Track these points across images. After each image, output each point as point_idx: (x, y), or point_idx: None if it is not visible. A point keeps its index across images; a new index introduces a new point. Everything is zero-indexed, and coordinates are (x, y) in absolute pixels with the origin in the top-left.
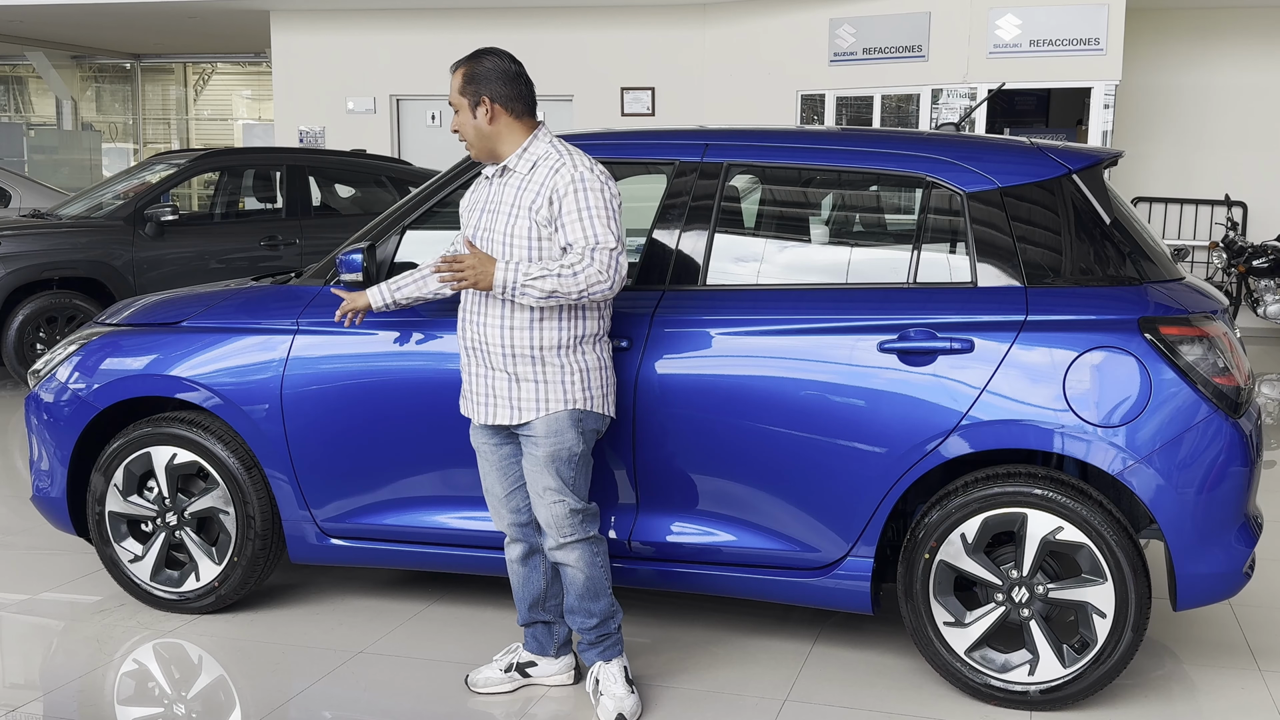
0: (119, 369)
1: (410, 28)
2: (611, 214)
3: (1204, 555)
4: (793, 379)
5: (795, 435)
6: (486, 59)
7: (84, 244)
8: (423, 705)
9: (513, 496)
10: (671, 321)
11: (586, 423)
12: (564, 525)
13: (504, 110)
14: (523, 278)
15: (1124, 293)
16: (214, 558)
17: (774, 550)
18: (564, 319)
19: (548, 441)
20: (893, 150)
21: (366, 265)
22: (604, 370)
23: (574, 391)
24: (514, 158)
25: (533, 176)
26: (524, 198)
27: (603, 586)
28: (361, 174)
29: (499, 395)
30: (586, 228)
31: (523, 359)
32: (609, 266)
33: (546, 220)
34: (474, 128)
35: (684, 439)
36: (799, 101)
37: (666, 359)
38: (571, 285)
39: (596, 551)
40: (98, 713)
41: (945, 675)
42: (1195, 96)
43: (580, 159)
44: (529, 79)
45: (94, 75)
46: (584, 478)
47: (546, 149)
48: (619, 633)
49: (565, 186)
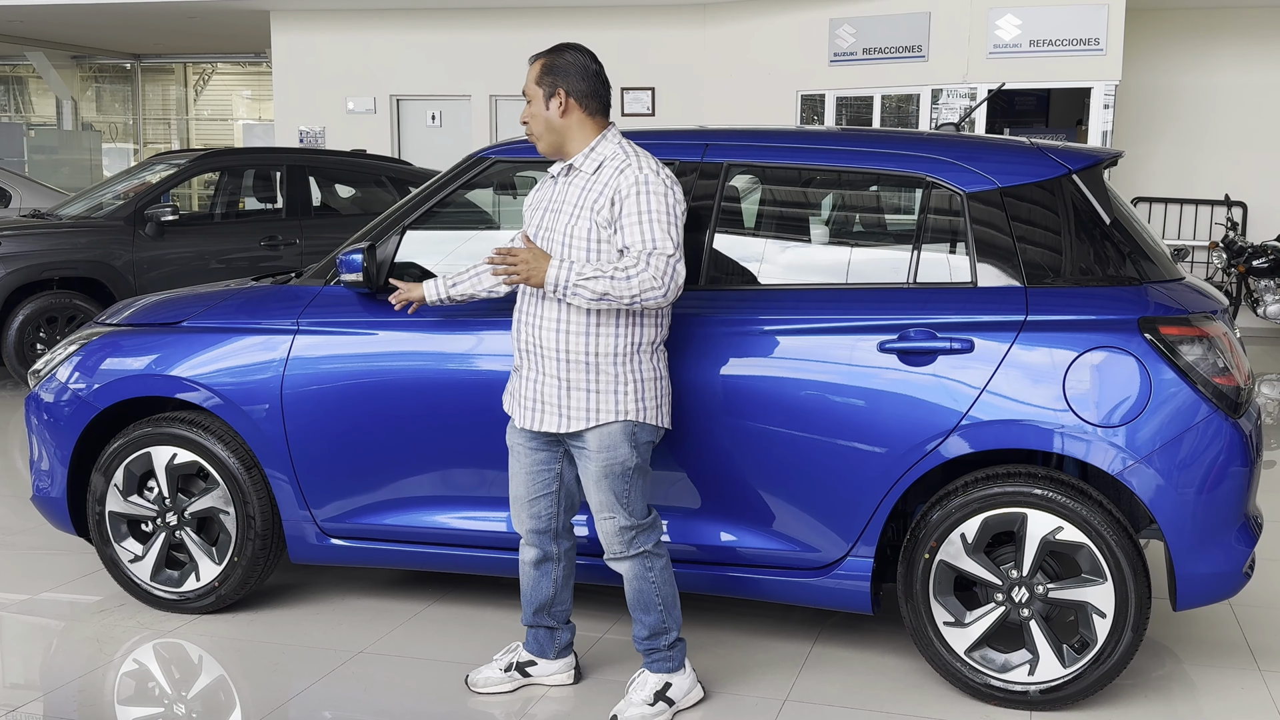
0: (119, 369)
1: (410, 28)
2: (673, 220)
3: (1204, 555)
4: (792, 379)
5: (795, 435)
6: (568, 53)
7: (84, 244)
8: (423, 705)
9: (536, 502)
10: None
11: (640, 435)
12: (613, 542)
13: (578, 106)
14: (575, 277)
15: (1124, 293)
16: (214, 558)
17: (774, 550)
18: (622, 325)
19: (600, 455)
20: (893, 150)
21: (366, 265)
22: (659, 380)
23: (627, 402)
24: (580, 157)
25: (598, 177)
26: (587, 198)
27: (651, 602)
28: (361, 174)
29: (548, 401)
30: (645, 231)
31: (576, 364)
32: (664, 273)
33: (607, 221)
34: (545, 120)
35: (683, 439)
36: (799, 101)
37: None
38: (624, 289)
39: (649, 567)
40: (98, 713)
41: (945, 675)
42: (1195, 96)
43: (647, 161)
44: (607, 80)
45: (94, 75)
46: (639, 491)
47: (614, 149)
48: (668, 650)
49: (629, 188)
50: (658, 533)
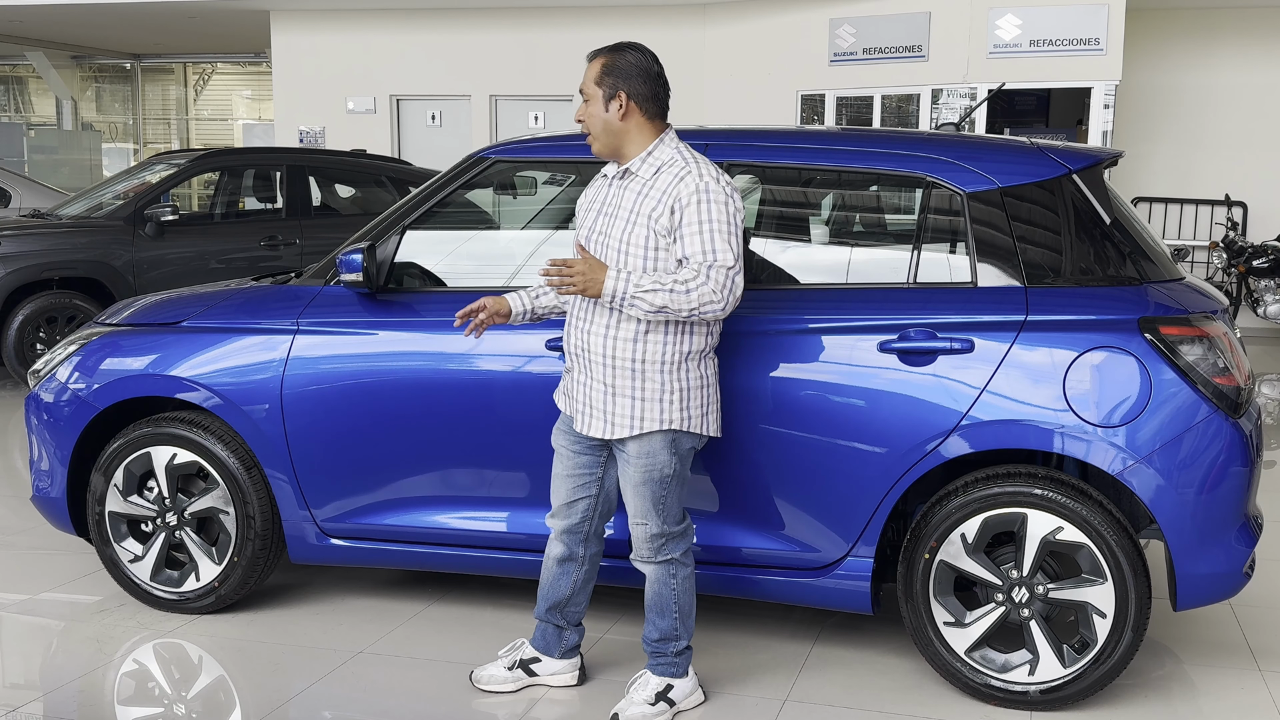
0: (119, 369)
1: (410, 28)
2: (733, 230)
3: (1204, 555)
4: (792, 379)
5: (795, 435)
6: (630, 53)
7: (84, 244)
8: (422, 705)
9: (574, 504)
10: None
11: (682, 443)
12: (641, 547)
13: (638, 109)
14: (634, 289)
15: (1124, 293)
16: (214, 558)
17: (774, 550)
18: (670, 333)
19: (640, 462)
20: (893, 150)
21: (366, 265)
22: (705, 389)
23: (671, 411)
24: (638, 160)
25: (655, 182)
26: (644, 204)
27: (668, 607)
28: (361, 174)
29: (595, 406)
30: (706, 242)
31: (623, 371)
32: (724, 286)
33: (666, 230)
34: (603, 121)
35: None
36: (799, 101)
37: None
38: (683, 302)
39: (673, 574)
40: (98, 713)
41: (945, 675)
42: (1195, 96)
43: (707, 168)
44: (667, 82)
45: (94, 75)
46: (675, 497)
47: (673, 154)
48: (675, 658)
49: (689, 196)
50: (688, 541)
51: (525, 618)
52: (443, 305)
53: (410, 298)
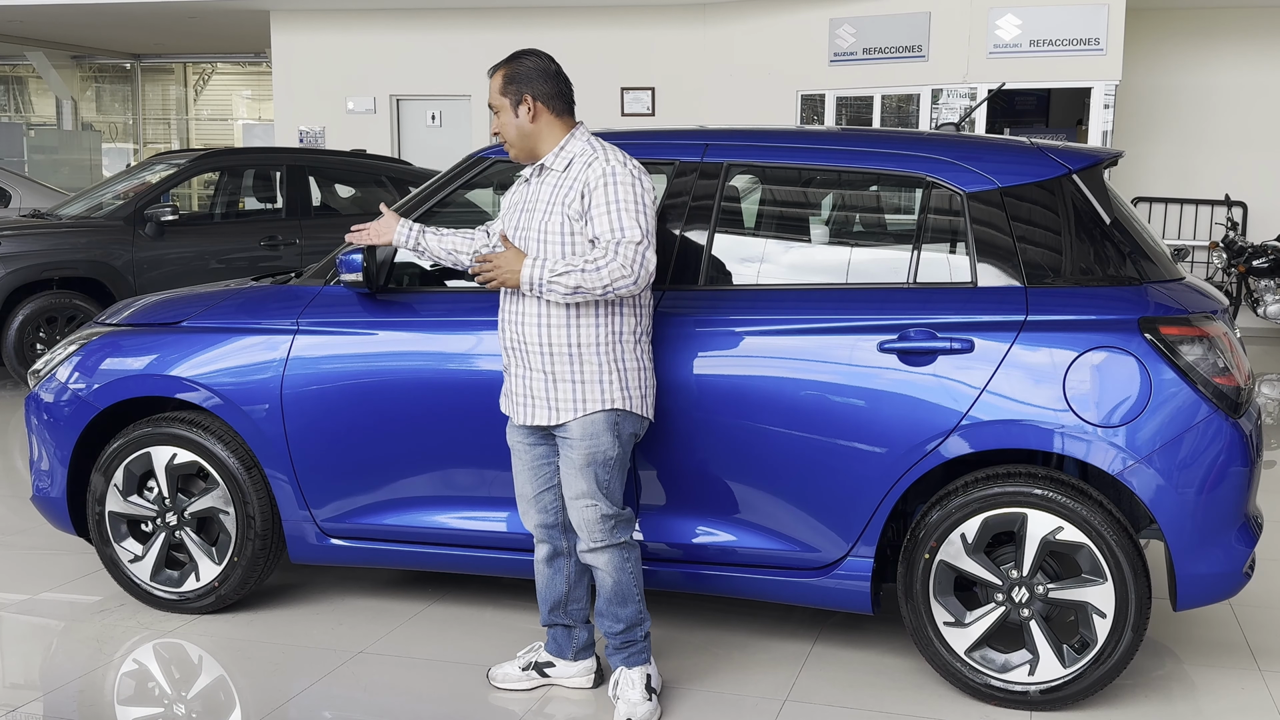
0: (119, 369)
1: (410, 28)
2: (641, 208)
3: (1204, 555)
4: (793, 379)
5: (795, 435)
6: (526, 59)
7: (84, 244)
8: (422, 705)
9: (542, 497)
10: (671, 321)
11: (624, 425)
12: (595, 530)
13: (545, 108)
14: (548, 274)
15: (1124, 293)
16: (214, 558)
17: (774, 550)
18: (601, 315)
19: (583, 444)
20: (893, 150)
21: (366, 265)
22: (643, 371)
23: (612, 391)
24: (551, 156)
25: (568, 173)
26: (558, 194)
27: (630, 593)
28: (361, 174)
29: (536, 395)
30: (614, 220)
31: (560, 357)
32: (633, 261)
33: (578, 214)
34: (516, 127)
35: (683, 439)
36: (799, 101)
37: (665, 359)
38: (595, 280)
39: (627, 558)
40: (98, 713)
41: (945, 675)
42: (1195, 96)
43: (614, 154)
44: (568, 78)
45: (94, 75)
46: (619, 482)
47: (583, 146)
48: (645, 640)
49: (596, 180)
50: (633, 525)
51: (526, 617)
52: (443, 305)
53: (410, 298)
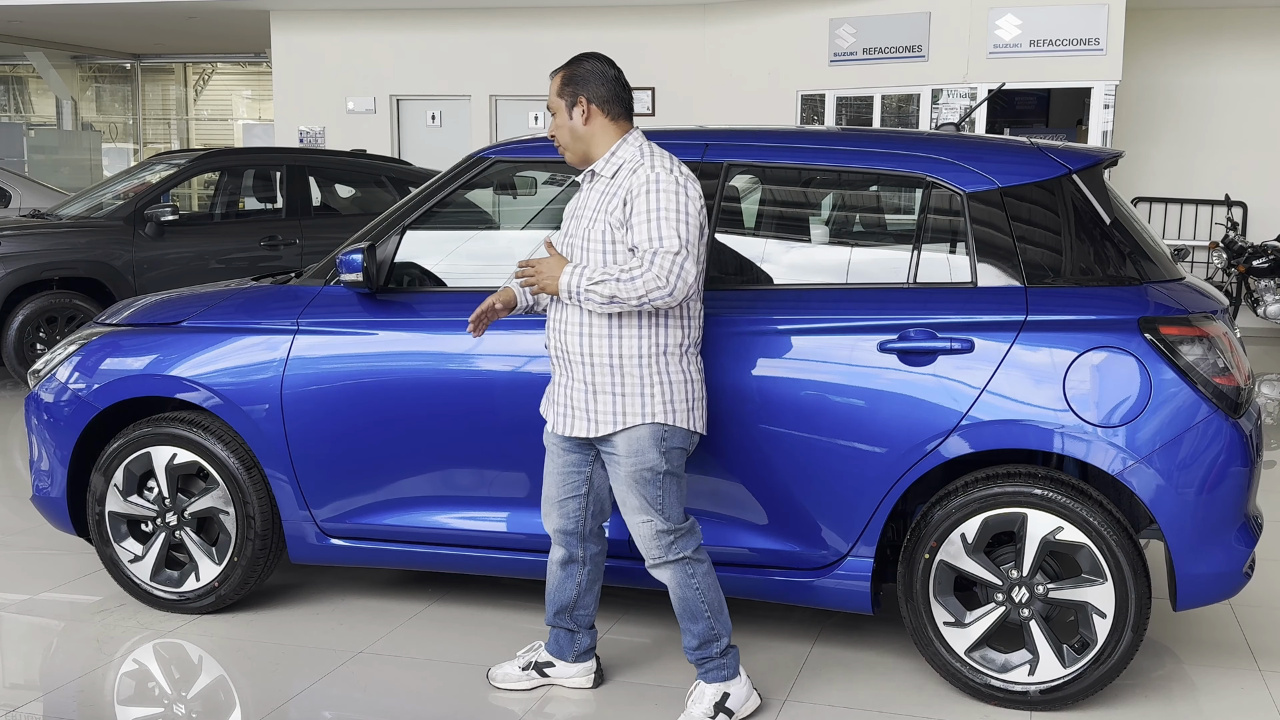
0: (119, 369)
1: (410, 28)
2: (683, 217)
3: (1204, 555)
4: (793, 379)
5: (795, 435)
6: (586, 62)
7: (84, 244)
8: (422, 705)
9: (566, 503)
10: None
11: (670, 440)
12: (651, 547)
13: (600, 111)
14: (585, 282)
15: (1124, 293)
16: (214, 558)
17: (774, 550)
18: (645, 327)
19: (629, 460)
20: (893, 150)
21: (366, 265)
22: (689, 384)
23: (654, 404)
24: (601, 162)
25: (615, 180)
26: (604, 201)
27: (698, 609)
28: (361, 174)
29: (576, 406)
30: (652, 229)
31: (601, 368)
32: (669, 272)
33: (620, 222)
34: (569, 129)
35: None
36: (799, 101)
37: None
38: (629, 291)
39: (691, 573)
40: (98, 713)
41: (945, 675)
42: (1195, 96)
43: (661, 160)
44: (627, 83)
45: (94, 75)
46: (674, 496)
47: (633, 152)
48: (722, 658)
49: (639, 186)
50: (697, 538)
51: (525, 617)
52: (443, 305)
53: (410, 298)
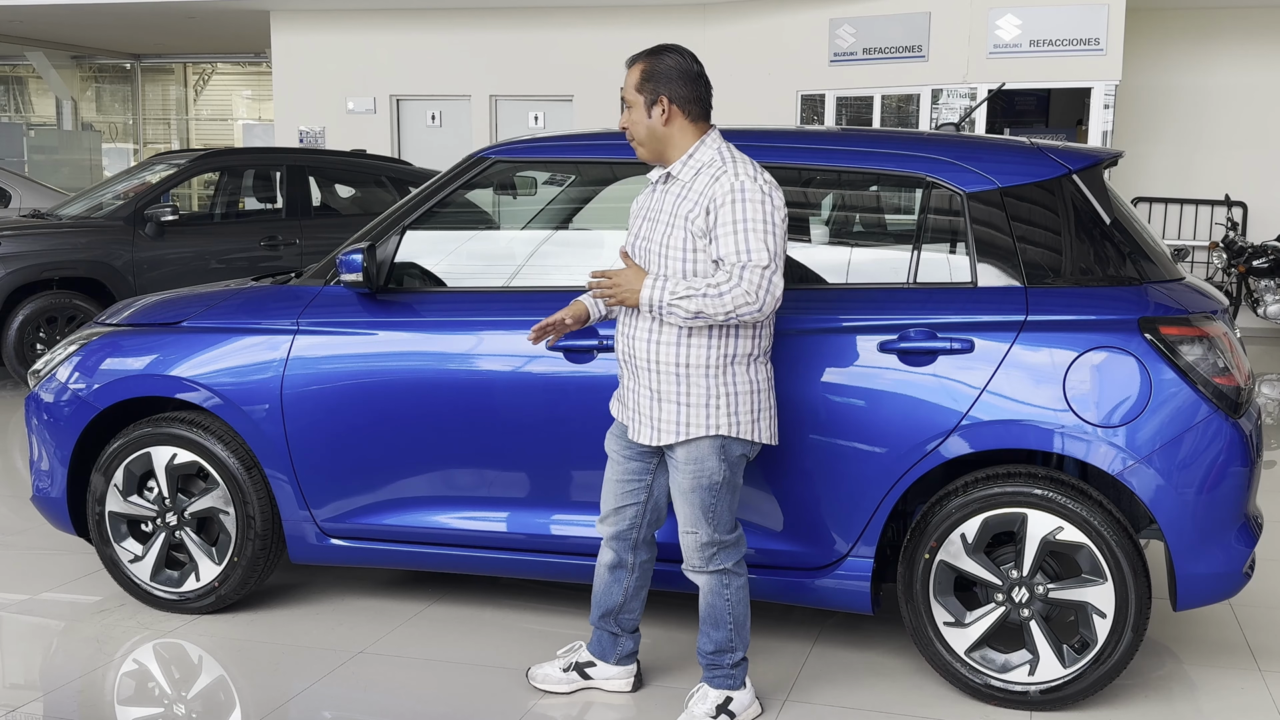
0: (119, 369)
1: (410, 28)
2: (770, 229)
3: (1204, 555)
4: (793, 379)
5: (795, 435)
6: (669, 56)
7: (84, 244)
8: (422, 705)
9: (623, 510)
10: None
11: (731, 449)
12: (693, 556)
13: (681, 112)
14: (669, 296)
15: (1124, 293)
16: (214, 558)
17: (774, 550)
18: (713, 337)
19: (689, 469)
20: (893, 150)
21: (366, 265)
22: (756, 394)
23: (718, 416)
24: (679, 164)
25: (694, 184)
26: (682, 206)
27: (723, 619)
28: (361, 174)
29: (642, 413)
30: (740, 242)
31: (667, 375)
32: (758, 287)
33: (702, 231)
34: (647, 128)
35: None
36: (799, 101)
37: None
38: (717, 306)
39: (726, 584)
40: (98, 713)
41: (945, 675)
42: (1195, 96)
43: (744, 167)
44: (709, 81)
45: (94, 75)
46: (725, 505)
47: (712, 155)
48: (732, 669)
49: (723, 196)
50: (740, 551)
51: (526, 617)
52: (443, 305)
53: (410, 298)
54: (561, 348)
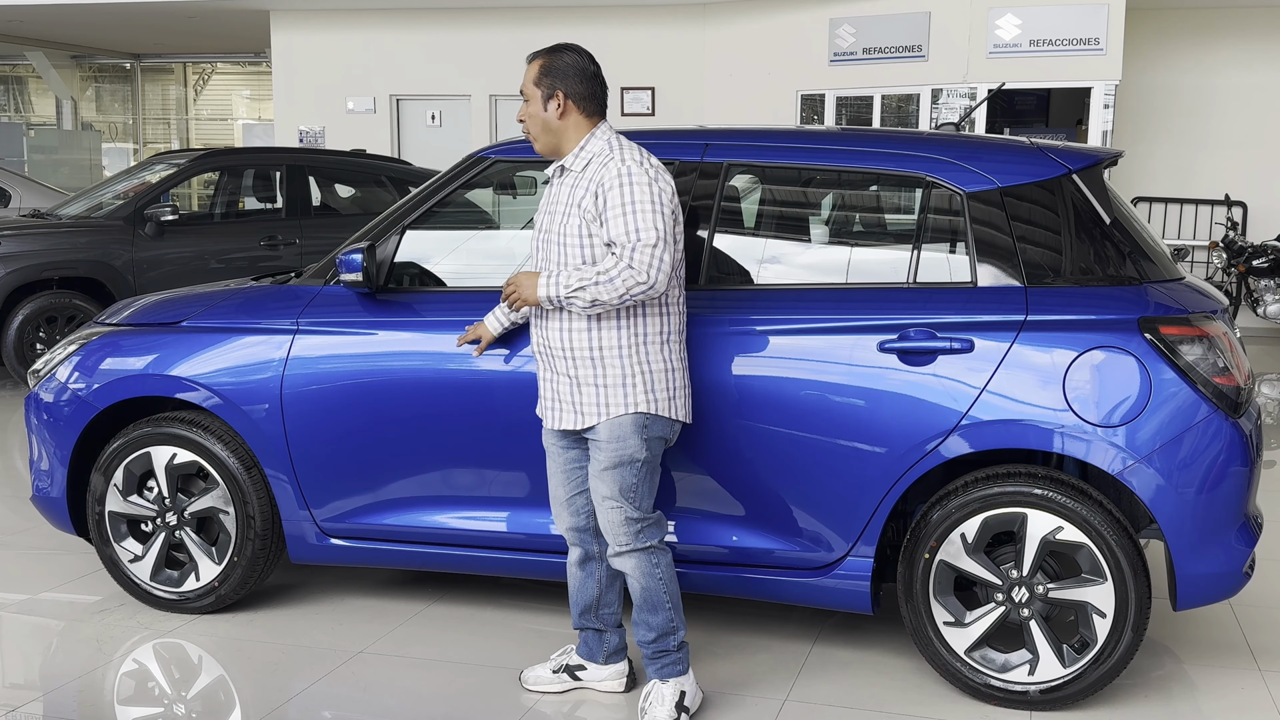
0: (119, 369)
1: (410, 28)
2: (658, 208)
3: (1204, 555)
4: (793, 379)
5: (795, 435)
6: (567, 54)
7: (84, 244)
8: (422, 705)
9: (574, 500)
10: None
11: (652, 428)
12: (620, 533)
13: (575, 108)
14: (563, 290)
15: (1124, 293)
16: (214, 558)
17: (774, 550)
18: (623, 318)
19: (610, 447)
20: (893, 150)
21: (366, 265)
22: (671, 373)
23: (635, 394)
24: (571, 156)
25: (585, 173)
26: (575, 194)
27: (660, 600)
28: (361, 174)
29: (563, 400)
30: (629, 222)
31: (583, 361)
32: (648, 265)
33: (594, 216)
34: (542, 120)
35: (682, 439)
36: (799, 101)
37: None
38: (609, 292)
39: (656, 563)
40: (98, 713)
41: (945, 675)
42: (1195, 96)
43: (630, 153)
44: (605, 81)
45: (94, 75)
46: (647, 485)
47: (602, 145)
48: (679, 652)
49: (611, 180)
50: (663, 530)
51: (526, 617)
52: (443, 305)
53: (410, 298)
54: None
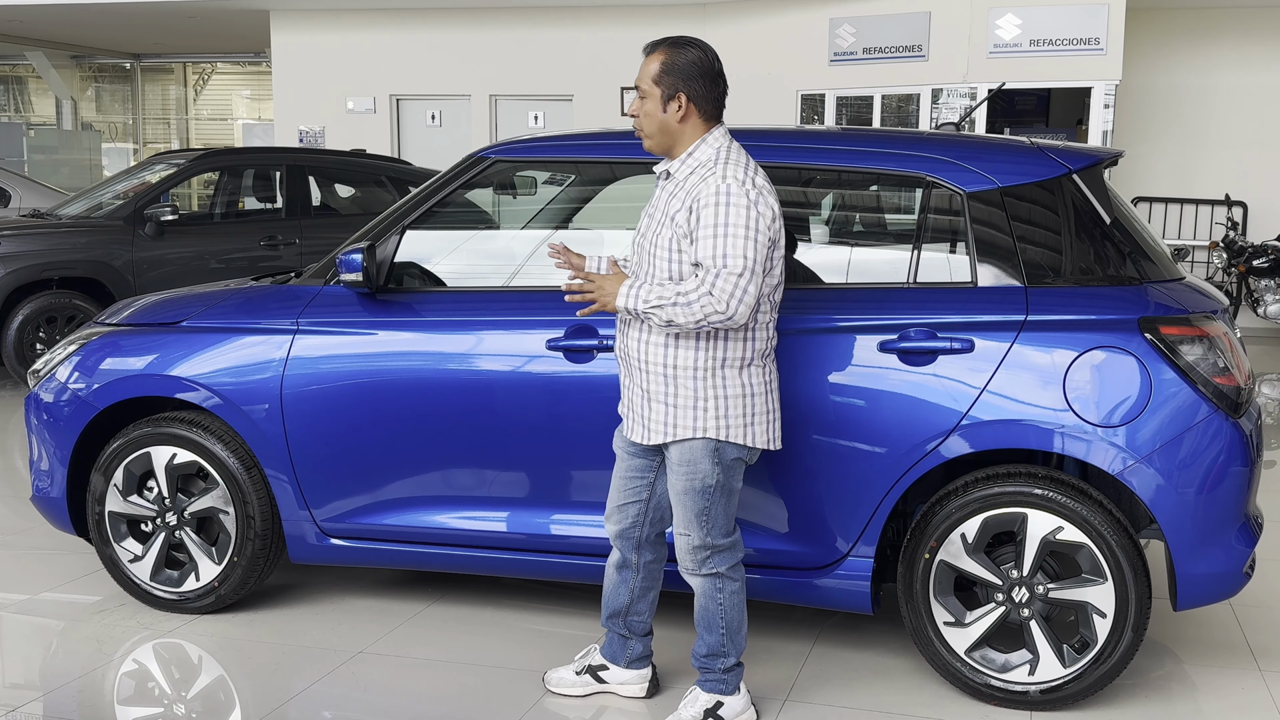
0: (119, 369)
1: (410, 28)
2: (750, 235)
3: (1204, 555)
4: (793, 379)
5: (795, 435)
6: (690, 50)
7: (84, 244)
8: (422, 705)
9: (626, 508)
10: None
11: (725, 453)
12: (685, 558)
13: (696, 110)
14: (641, 304)
15: (1124, 293)
16: (214, 558)
17: (774, 550)
18: (702, 339)
19: (682, 470)
20: (893, 150)
21: (366, 265)
22: (749, 398)
23: (705, 419)
24: (678, 161)
25: (686, 183)
26: (672, 205)
27: (715, 622)
28: (361, 174)
29: (635, 411)
30: (718, 246)
31: (655, 375)
32: (729, 295)
33: (685, 232)
34: (660, 122)
35: None
36: (799, 101)
37: None
38: (685, 316)
39: (719, 589)
40: (98, 713)
41: (945, 675)
42: (1195, 96)
43: (734, 169)
44: (726, 79)
45: (94, 75)
46: (721, 509)
47: (709, 154)
48: (724, 674)
49: (708, 198)
50: (736, 556)
51: (526, 617)
52: (442, 305)
53: (410, 298)
54: (561, 347)
